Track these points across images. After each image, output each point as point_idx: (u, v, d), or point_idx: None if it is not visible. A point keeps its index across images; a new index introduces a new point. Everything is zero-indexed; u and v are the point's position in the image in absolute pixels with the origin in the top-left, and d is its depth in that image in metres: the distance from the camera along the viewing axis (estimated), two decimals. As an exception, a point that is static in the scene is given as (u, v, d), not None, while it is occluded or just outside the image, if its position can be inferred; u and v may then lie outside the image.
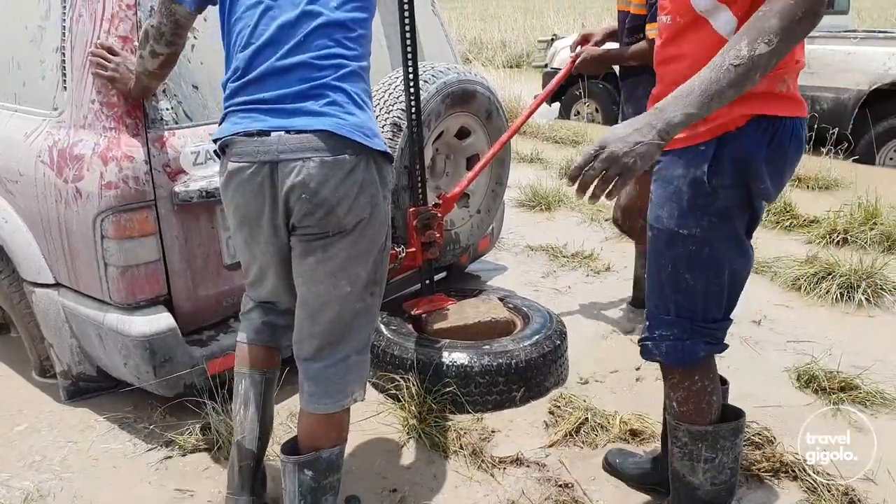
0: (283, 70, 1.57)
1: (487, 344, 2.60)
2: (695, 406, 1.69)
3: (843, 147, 5.74)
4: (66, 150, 2.22)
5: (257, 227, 1.67)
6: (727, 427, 1.70)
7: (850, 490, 2.06)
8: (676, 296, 1.62)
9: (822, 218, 4.43)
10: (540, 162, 6.48)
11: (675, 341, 1.64)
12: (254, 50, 1.58)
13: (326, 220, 1.59)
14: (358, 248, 1.64)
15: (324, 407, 1.72)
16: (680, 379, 1.69)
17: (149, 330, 2.22)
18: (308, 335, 1.71)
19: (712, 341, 1.65)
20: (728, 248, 1.56)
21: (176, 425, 2.43)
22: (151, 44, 1.86)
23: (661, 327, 1.66)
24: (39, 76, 2.35)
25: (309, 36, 1.58)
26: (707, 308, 1.61)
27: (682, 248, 1.56)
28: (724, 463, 1.72)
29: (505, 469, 2.24)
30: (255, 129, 1.57)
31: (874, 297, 3.41)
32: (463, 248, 3.10)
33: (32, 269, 2.42)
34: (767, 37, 1.24)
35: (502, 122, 3.09)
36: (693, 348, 1.63)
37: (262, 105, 1.58)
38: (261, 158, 1.56)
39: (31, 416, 2.55)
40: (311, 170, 1.55)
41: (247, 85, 1.59)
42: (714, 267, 1.56)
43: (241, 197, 1.63)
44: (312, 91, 1.57)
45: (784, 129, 1.46)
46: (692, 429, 1.70)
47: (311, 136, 1.55)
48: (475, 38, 15.69)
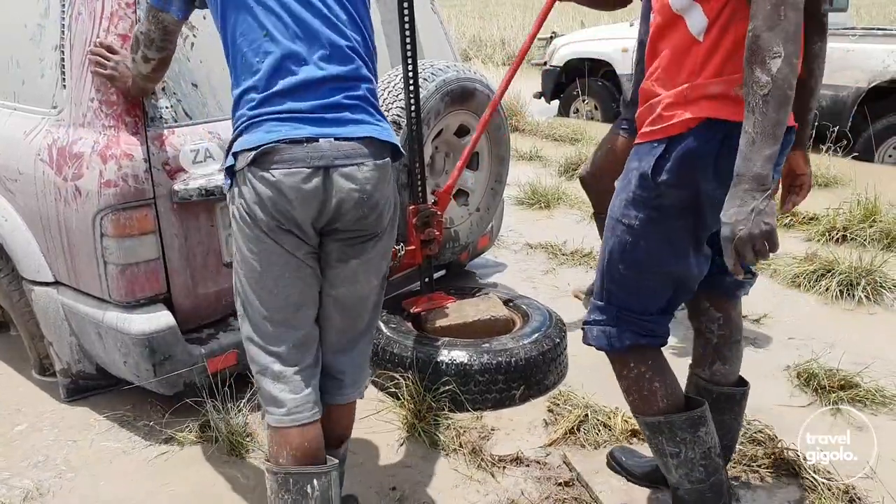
0: (314, 82, 1.55)
1: (487, 342, 2.60)
2: (638, 394, 1.73)
3: (843, 145, 5.73)
4: (65, 149, 2.21)
5: (292, 244, 1.58)
6: (680, 417, 1.69)
7: (850, 489, 2.06)
8: (611, 285, 1.67)
9: (821, 215, 4.43)
10: (539, 160, 6.48)
11: (604, 326, 1.69)
12: (276, 60, 1.54)
13: (376, 222, 1.65)
14: (386, 244, 1.73)
15: (354, 395, 1.83)
16: (618, 367, 1.74)
17: (148, 328, 2.22)
18: (341, 330, 1.77)
19: (643, 332, 1.67)
20: (661, 247, 1.57)
21: (175, 423, 2.43)
22: (142, 49, 1.86)
23: (595, 312, 1.72)
24: (39, 74, 2.35)
25: (335, 46, 1.58)
26: (639, 301, 1.65)
27: (620, 238, 1.61)
28: (691, 459, 1.70)
29: (505, 468, 2.24)
30: (302, 135, 1.53)
31: (874, 294, 3.41)
32: (462, 245, 3.10)
33: (32, 268, 2.42)
34: (772, 50, 1.27)
35: (501, 120, 3.09)
36: (619, 335, 1.67)
37: (298, 114, 1.54)
38: (315, 164, 1.52)
39: (31, 415, 2.55)
40: (366, 174, 1.58)
41: (274, 96, 1.54)
42: (646, 262, 1.59)
43: (286, 204, 1.52)
44: (346, 101, 1.58)
45: (738, 133, 1.43)
46: (645, 420, 1.73)
47: (359, 143, 1.57)
48: (474, 36, 15.68)
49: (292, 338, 1.64)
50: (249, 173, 1.53)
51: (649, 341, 1.69)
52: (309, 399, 1.64)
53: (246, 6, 1.54)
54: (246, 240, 1.59)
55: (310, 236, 1.59)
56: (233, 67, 1.61)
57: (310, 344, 1.68)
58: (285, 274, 1.59)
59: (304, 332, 1.66)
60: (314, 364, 1.70)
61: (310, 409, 1.64)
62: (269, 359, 1.64)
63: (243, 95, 1.58)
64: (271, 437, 1.65)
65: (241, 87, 1.58)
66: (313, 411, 1.65)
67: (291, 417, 1.62)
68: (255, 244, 1.58)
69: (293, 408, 1.62)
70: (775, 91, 1.29)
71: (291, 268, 1.60)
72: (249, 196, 1.55)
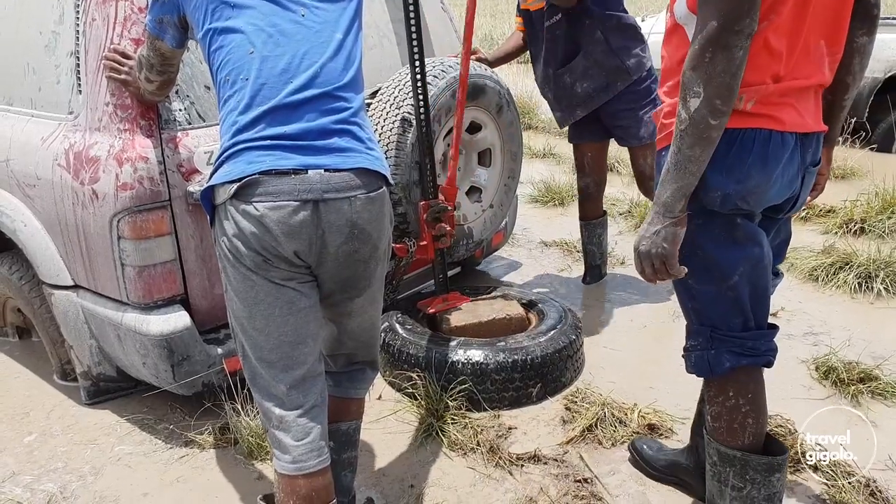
0: (299, 103, 1.48)
1: (502, 340, 2.60)
2: (727, 424, 1.63)
3: (860, 136, 5.67)
4: (81, 153, 2.24)
5: (282, 276, 1.51)
6: (758, 460, 1.61)
7: (871, 482, 2.04)
8: (693, 303, 1.62)
9: (838, 208, 4.39)
10: (553, 157, 6.46)
11: (701, 351, 1.62)
12: (262, 81, 1.47)
13: (370, 255, 1.61)
14: (385, 266, 1.72)
15: (367, 389, 1.90)
16: (715, 392, 1.64)
17: (166, 329, 2.24)
18: (363, 345, 1.83)
19: (742, 352, 1.58)
20: (721, 249, 1.52)
21: (195, 425, 2.45)
22: (145, 72, 1.88)
23: (690, 337, 1.66)
24: (55, 81, 2.38)
25: (324, 67, 1.52)
26: (724, 315, 1.58)
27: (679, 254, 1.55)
28: (753, 497, 1.63)
29: (523, 466, 2.23)
30: (289, 166, 1.45)
31: (893, 286, 3.37)
32: (476, 242, 3.10)
33: (52, 272, 2.45)
34: (692, 90, 1.32)
35: (513, 116, 3.08)
36: (717, 358, 1.59)
37: (284, 141, 1.46)
38: (303, 197, 1.44)
39: (52, 420, 2.58)
40: (358, 208, 1.52)
41: (257, 119, 1.47)
42: (714, 270, 1.53)
43: (270, 241, 1.45)
44: (334, 127, 1.51)
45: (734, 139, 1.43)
46: (721, 449, 1.64)
47: (351, 175, 1.50)
48: (486, 35, 15.64)
49: (291, 378, 1.55)
50: (231, 206, 1.46)
51: (751, 361, 1.59)
52: (314, 446, 1.56)
53: (233, 25, 1.50)
54: (232, 278, 1.52)
55: (300, 267, 1.52)
56: (217, 87, 1.55)
57: (312, 381, 1.59)
58: (275, 311, 1.51)
59: (305, 370, 1.57)
60: (320, 403, 1.61)
61: (316, 458, 1.56)
62: (268, 404, 1.56)
63: (227, 117, 1.51)
64: (278, 483, 1.59)
65: (224, 108, 1.52)
66: (320, 458, 1.57)
67: (296, 466, 1.55)
68: (241, 283, 1.51)
69: (298, 456, 1.55)
70: (690, 129, 1.34)
71: (283, 303, 1.51)
72: (231, 231, 1.47)
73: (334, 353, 1.83)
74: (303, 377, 1.57)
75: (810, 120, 1.49)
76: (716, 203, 1.47)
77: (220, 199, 1.49)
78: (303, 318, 1.55)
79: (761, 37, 1.36)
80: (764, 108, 1.43)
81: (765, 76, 1.40)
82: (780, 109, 1.43)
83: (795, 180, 1.54)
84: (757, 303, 1.58)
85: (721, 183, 1.45)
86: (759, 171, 1.44)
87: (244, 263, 1.49)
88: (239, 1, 1.50)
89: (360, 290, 1.66)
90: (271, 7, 1.51)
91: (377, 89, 2.71)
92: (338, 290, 1.63)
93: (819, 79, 1.47)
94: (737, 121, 1.42)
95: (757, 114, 1.43)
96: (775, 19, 1.36)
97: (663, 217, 1.42)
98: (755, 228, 1.55)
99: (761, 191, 1.47)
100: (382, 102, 2.67)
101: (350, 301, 1.67)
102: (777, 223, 1.66)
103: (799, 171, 1.53)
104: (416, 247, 2.69)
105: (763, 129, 1.43)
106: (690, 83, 1.32)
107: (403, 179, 2.61)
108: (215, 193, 1.51)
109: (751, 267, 1.54)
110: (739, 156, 1.43)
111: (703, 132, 1.33)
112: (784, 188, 1.52)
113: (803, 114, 1.47)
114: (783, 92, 1.42)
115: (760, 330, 1.60)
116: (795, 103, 1.45)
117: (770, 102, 1.43)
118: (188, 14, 1.60)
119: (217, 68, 1.53)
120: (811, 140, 1.53)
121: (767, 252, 1.57)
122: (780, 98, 1.43)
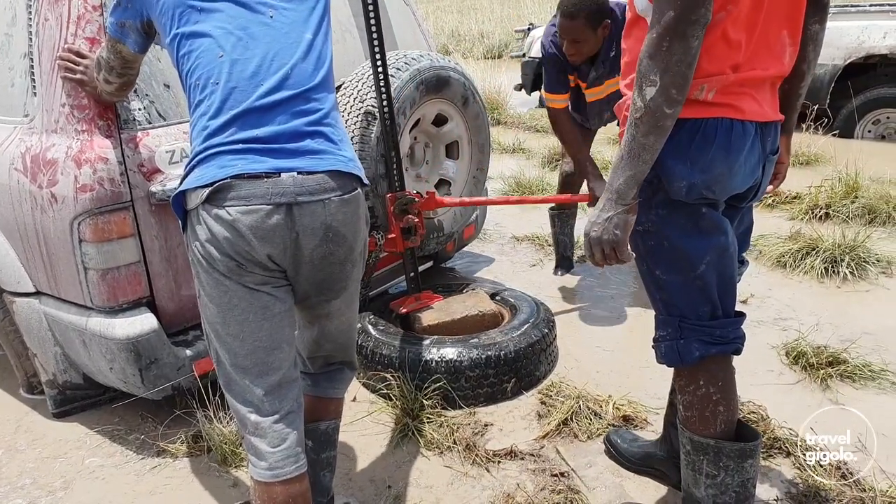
0: (270, 106, 1.46)
1: (475, 337, 2.58)
2: (698, 413, 1.63)
3: (822, 122, 5.76)
4: (38, 156, 2.17)
5: (256, 280, 1.49)
6: (731, 446, 1.61)
7: (842, 464, 2.07)
8: (661, 293, 1.62)
9: (803, 194, 4.46)
10: (522, 152, 6.47)
11: (671, 341, 1.62)
12: (232, 84, 1.45)
13: (345, 257, 1.59)
14: (361, 267, 1.70)
15: (345, 389, 1.88)
16: (685, 382, 1.64)
17: (132, 332, 2.19)
18: (340, 347, 1.80)
19: (711, 341, 1.58)
20: (687, 239, 1.52)
21: (167, 434, 2.40)
22: (104, 73, 1.84)
23: (659, 327, 1.66)
24: (9, 84, 2.31)
25: (294, 68, 1.50)
26: (692, 305, 1.58)
27: (644, 244, 1.57)
28: (727, 484, 1.63)
29: (499, 462, 2.22)
30: (261, 170, 1.43)
31: (858, 270, 3.43)
32: (447, 235, 3.09)
33: (12, 279, 2.38)
34: (649, 78, 1.32)
35: (479, 109, 3.07)
36: (687, 348, 1.59)
37: (255, 144, 1.44)
38: (276, 200, 1.42)
39: (20, 433, 2.51)
40: (332, 210, 1.50)
41: (229, 123, 1.45)
42: (681, 260, 1.54)
43: (244, 245, 1.43)
44: (306, 129, 1.49)
45: (696, 129, 1.44)
46: (694, 438, 1.64)
47: (325, 177, 1.49)
48: (453, 31, 15.64)
49: (266, 383, 1.53)
50: (203, 211, 1.44)
51: (720, 349, 1.59)
52: (290, 452, 1.54)
53: (201, 29, 1.47)
54: (205, 283, 1.50)
55: (274, 271, 1.50)
56: (186, 91, 1.53)
57: (288, 387, 1.57)
58: (249, 317, 1.49)
59: (281, 375, 1.55)
60: (296, 408, 1.59)
61: (293, 463, 1.54)
62: (244, 410, 1.54)
63: (198, 122, 1.49)
64: (254, 490, 1.56)
65: (195, 112, 1.50)
66: (297, 465, 1.55)
67: (273, 473, 1.52)
68: (214, 288, 1.49)
69: (274, 462, 1.52)
70: (645, 117, 1.34)
71: (257, 308, 1.50)
72: (204, 236, 1.45)
73: (312, 355, 1.80)
74: (278, 383, 1.55)
75: (768, 109, 1.51)
76: (681, 193, 1.47)
77: (192, 204, 1.47)
78: (277, 323, 1.53)
79: (719, 28, 1.37)
80: (724, 98, 1.43)
81: (724, 66, 1.41)
82: (739, 99, 1.44)
83: (757, 169, 1.55)
84: (724, 291, 1.58)
85: (686, 173, 1.45)
86: (722, 159, 1.45)
87: (217, 269, 1.46)
88: (206, 5, 1.48)
89: (336, 292, 1.64)
90: (239, 10, 1.49)
91: (340, 83, 2.69)
92: (314, 293, 1.61)
93: (778, 69, 1.49)
94: (698, 111, 1.43)
95: (718, 103, 1.43)
96: (733, 10, 1.37)
97: (615, 204, 1.43)
98: (720, 217, 1.55)
99: (725, 179, 1.48)
100: (346, 97, 2.64)
101: (327, 303, 1.66)
102: (740, 212, 1.67)
103: (760, 160, 1.54)
104: (385, 240, 2.67)
105: (724, 118, 1.44)
106: (647, 72, 1.32)
107: (370, 173, 2.58)
108: (187, 198, 1.48)
109: (717, 256, 1.54)
110: (702, 146, 1.44)
111: (658, 121, 1.34)
112: (747, 176, 1.53)
113: (762, 103, 1.48)
114: (742, 82, 1.43)
115: (728, 318, 1.61)
116: (754, 93, 1.46)
117: (730, 92, 1.43)
118: (154, 19, 1.57)
119: (187, 73, 1.51)
120: (770, 129, 1.54)
121: (733, 240, 1.58)
122: (740, 88, 1.44)
